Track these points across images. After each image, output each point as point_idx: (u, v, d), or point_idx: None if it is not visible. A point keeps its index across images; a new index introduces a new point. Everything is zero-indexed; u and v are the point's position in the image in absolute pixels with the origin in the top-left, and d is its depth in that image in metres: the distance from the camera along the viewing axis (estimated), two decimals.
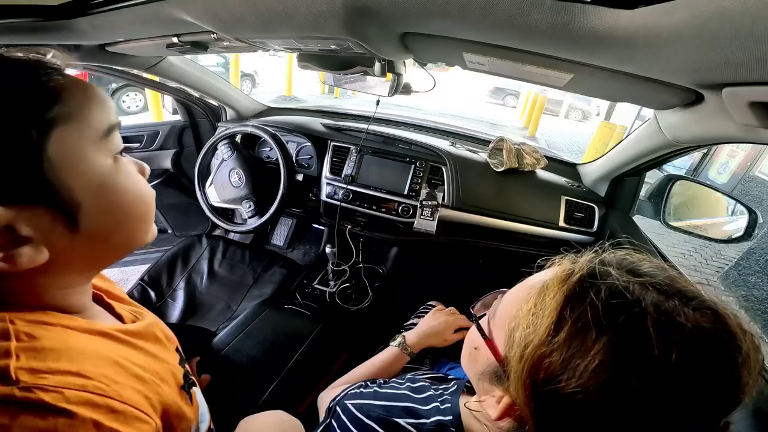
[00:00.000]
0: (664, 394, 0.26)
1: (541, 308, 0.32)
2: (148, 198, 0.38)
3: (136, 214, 0.36)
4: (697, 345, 0.27)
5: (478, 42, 0.52)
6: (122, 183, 0.34)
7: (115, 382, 0.30)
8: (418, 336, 0.77)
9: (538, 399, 0.31)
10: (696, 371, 0.27)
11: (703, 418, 0.27)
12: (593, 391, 0.28)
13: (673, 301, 0.29)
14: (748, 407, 0.51)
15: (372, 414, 0.45)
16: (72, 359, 0.28)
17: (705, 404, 0.27)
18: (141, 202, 0.36)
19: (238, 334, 0.91)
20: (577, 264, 0.34)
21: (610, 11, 0.34)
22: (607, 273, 0.31)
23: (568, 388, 0.28)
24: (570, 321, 0.30)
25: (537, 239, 1.18)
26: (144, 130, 1.61)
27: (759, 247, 3.13)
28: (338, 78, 0.94)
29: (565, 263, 0.36)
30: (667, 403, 0.27)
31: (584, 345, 0.29)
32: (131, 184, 0.35)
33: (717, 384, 0.27)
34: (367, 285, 1.32)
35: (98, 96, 0.33)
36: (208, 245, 1.37)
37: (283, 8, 0.51)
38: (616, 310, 0.29)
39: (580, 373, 0.28)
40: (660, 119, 0.77)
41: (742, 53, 0.33)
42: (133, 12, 0.65)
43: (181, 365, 0.43)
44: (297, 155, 1.37)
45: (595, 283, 0.31)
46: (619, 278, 0.31)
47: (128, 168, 0.36)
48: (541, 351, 0.30)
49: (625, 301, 0.29)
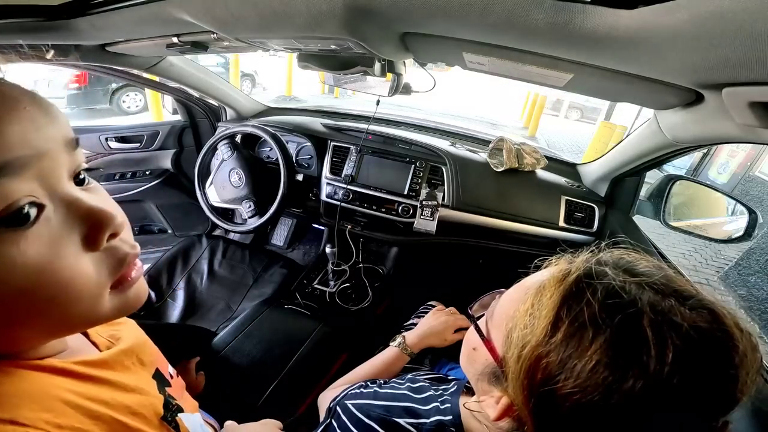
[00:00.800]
0: (661, 394, 0.26)
1: (538, 308, 0.32)
2: (64, 289, 0.23)
3: (38, 311, 0.23)
4: (694, 345, 0.27)
5: (478, 42, 0.52)
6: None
7: (59, 427, 0.24)
8: (418, 336, 0.78)
9: (536, 399, 0.31)
10: (693, 371, 0.27)
11: (700, 417, 0.27)
12: (591, 391, 0.28)
13: (670, 300, 0.29)
14: (748, 407, 0.51)
15: (372, 414, 0.45)
16: (4, 406, 0.22)
17: (702, 404, 0.27)
18: (43, 298, 0.23)
19: (238, 334, 0.91)
20: (574, 264, 0.34)
21: (610, 11, 0.34)
22: (604, 273, 0.31)
23: (566, 389, 0.28)
24: (567, 321, 0.30)
25: (537, 239, 1.18)
26: (144, 130, 1.61)
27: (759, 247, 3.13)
28: (338, 78, 0.94)
29: (561, 263, 0.36)
30: (664, 403, 0.27)
31: (581, 345, 0.29)
32: (14, 279, 0.21)
33: (714, 383, 0.27)
34: (367, 285, 1.32)
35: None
36: (208, 245, 1.37)
37: (283, 8, 0.51)
38: (613, 310, 0.29)
39: (577, 374, 0.28)
40: (660, 119, 0.77)
41: (742, 53, 0.33)
42: (133, 12, 0.65)
43: (161, 392, 0.37)
44: (297, 155, 1.37)
45: (592, 283, 0.31)
46: (615, 278, 0.31)
47: (11, 255, 0.21)
48: (539, 351, 0.30)
49: (621, 301, 0.29)
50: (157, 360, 0.42)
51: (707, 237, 1.00)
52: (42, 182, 0.22)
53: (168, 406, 0.36)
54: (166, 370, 0.43)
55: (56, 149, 0.23)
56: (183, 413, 0.38)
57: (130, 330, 0.42)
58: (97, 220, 0.25)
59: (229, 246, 1.39)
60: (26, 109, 0.22)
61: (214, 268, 1.31)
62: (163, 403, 0.35)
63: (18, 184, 0.20)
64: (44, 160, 0.22)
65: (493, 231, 1.18)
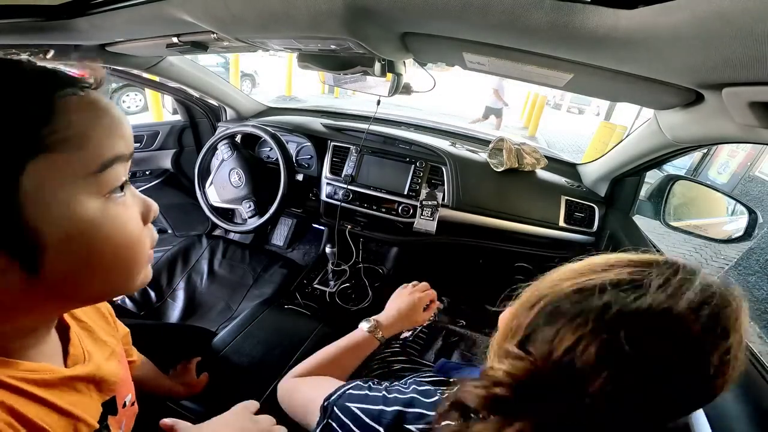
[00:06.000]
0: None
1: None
2: (137, 246, 0.31)
3: (117, 266, 0.30)
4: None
5: (478, 42, 0.52)
6: (106, 230, 0.28)
7: None
8: (387, 320, 0.71)
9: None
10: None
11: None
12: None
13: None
14: (748, 407, 0.51)
15: (384, 420, 0.45)
16: None
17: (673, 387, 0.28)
18: (126, 251, 0.30)
19: (238, 334, 0.91)
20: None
21: (610, 11, 0.34)
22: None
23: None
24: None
25: (537, 239, 1.18)
26: (144, 130, 1.61)
27: (759, 247, 3.13)
28: (338, 78, 0.94)
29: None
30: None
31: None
32: (117, 230, 0.29)
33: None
34: (367, 285, 1.32)
35: (108, 123, 0.28)
36: (208, 245, 1.37)
37: (283, 8, 0.51)
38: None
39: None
40: (660, 119, 0.77)
41: (742, 53, 0.33)
42: (133, 12, 0.65)
43: (100, 421, 0.37)
44: (297, 155, 1.37)
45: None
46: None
47: (118, 211, 0.29)
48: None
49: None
50: (119, 389, 0.42)
51: (707, 237, 1.00)
52: (125, 171, 0.31)
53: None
54: (123, 399, 0.43)
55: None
56: None
57: (115, 357, 0.43)
58: (148, 203, 0.34)
59: (229, 246, 1.39)
60: (125, 118, 0.31)
61: (214, 268, 1.31)
62: (94, 431, 0.35)
63: (124, 168, 0.30)
64: (129, 157, 0.31)
65: (493, 231, 1.18)
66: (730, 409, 0.52)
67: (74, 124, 0.26)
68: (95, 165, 0.27)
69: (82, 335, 0.40)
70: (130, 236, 0.30)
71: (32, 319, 0.31)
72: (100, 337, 0.44)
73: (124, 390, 0.44)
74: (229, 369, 0.83)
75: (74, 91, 0.27)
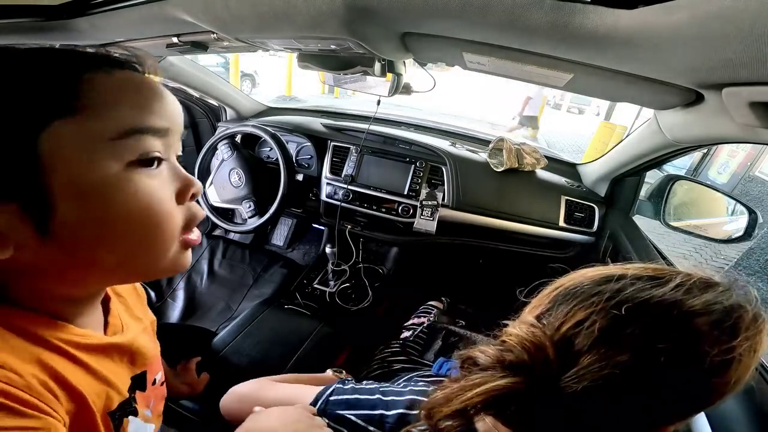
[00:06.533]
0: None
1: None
2: (162, 220, 0.31)
3: (136, 237, 0.30)
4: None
5: (478, 42, 0.52)
6: (122, 197, 0.28)
7: (21, 375, 0.27)
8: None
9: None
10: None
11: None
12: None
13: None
14: (748, 407, 0.51)
15: (386, 425, 0.44)
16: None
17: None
18: (146, 221, 0.30)
19: (238, 334, 0.91)
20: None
21: (610, 11, 0.34)
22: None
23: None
24: None
25: (537, 239, 1.18)
26: None
27: (759, 247, 3.14)
28: (338, 78, 0.94)
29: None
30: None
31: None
32: (138, 200, 0.29)
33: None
34: (367, 285, 1.32)
35: (136, 98, 0.30)
36: (208, 245, 1.37)
37: (283, 8, 0.51)
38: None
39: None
40: (660, 119, 0.77)
41: (742, 53, 0.33)
42: (133, 12, 0.65)
43: (129, 391, 0.38)
44: (297, 155, 1.37)
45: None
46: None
47: (143, 182, 0.30)
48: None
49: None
50: (150, 365, 0.44)
51: (707, 237, 1.00)
52: (165, 147, 0.32)
53: (124, 406, 0.37)
54: (153, 376, 0.44)
55: (177, 131, 0.34)
56: (135, 417, 0.39)
57: (147, 333, 0.46)
58: (189, 181, 0.34)
59: (229, 246, 1.39)
60: (171, 96, 0.33)
61: (214, 268, 1.31)
62: (121, 401, 0.36)
63: (153, 142, 0.30)
64: (171, 134, 0.32)
65: (493, 231, 1.18)
66: (731, 410, 0.52)
67: (98, 96, 0.28)
68: (113, 133, 0.28)
69: (120, 309, 0.43)
70: (154, 208, 0.30)
71: (73, 288, 0.33)
72: (135, 313, 0.46)
73: (155, 366, 0.46)
74: (229, 369, 0.83)
75: (106, 69, 0.29)
